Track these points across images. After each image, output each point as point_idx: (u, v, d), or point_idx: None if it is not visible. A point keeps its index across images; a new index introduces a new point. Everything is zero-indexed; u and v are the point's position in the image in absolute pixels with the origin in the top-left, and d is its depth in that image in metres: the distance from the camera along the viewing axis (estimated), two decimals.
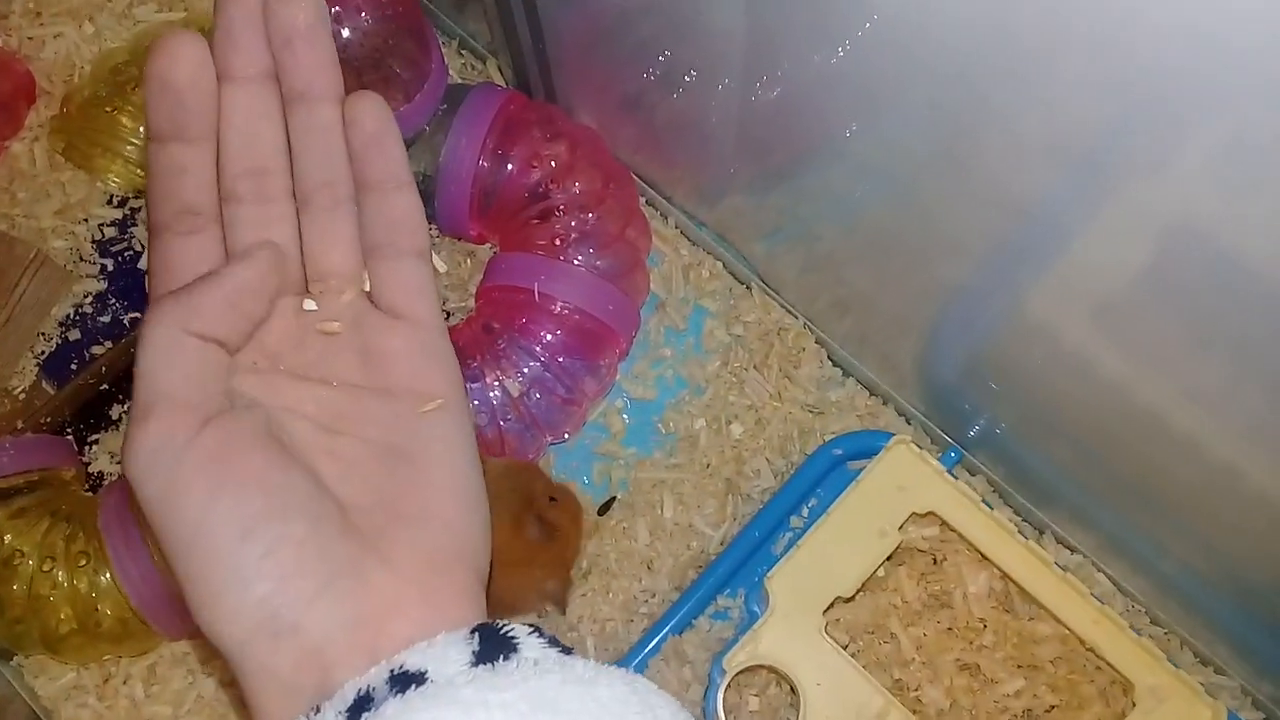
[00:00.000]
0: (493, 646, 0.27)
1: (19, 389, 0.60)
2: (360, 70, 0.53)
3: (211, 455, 0.28)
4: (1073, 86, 0.33)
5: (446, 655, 0.26)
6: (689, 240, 0.62)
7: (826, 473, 0.57)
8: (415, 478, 0.31)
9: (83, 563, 0.51)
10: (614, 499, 0.58)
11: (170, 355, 0.29)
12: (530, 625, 0.28)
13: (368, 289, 0.33)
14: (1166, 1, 0.27)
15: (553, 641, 0.28)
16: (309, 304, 0.33)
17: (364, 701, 0.25)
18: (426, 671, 0.26)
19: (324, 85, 0.31)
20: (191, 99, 0.30)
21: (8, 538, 0.51)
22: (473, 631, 0.27)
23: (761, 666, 0.51)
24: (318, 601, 0.27)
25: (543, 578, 0.52)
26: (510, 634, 0.27)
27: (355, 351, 0.32)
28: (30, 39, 0.64)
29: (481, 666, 0.26)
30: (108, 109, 0.59)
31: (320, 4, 0.31)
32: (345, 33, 0.52)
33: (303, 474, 0.29)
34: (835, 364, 0.60)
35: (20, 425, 0.58)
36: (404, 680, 0.26)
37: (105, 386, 0.59)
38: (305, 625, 0.27)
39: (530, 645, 0.27)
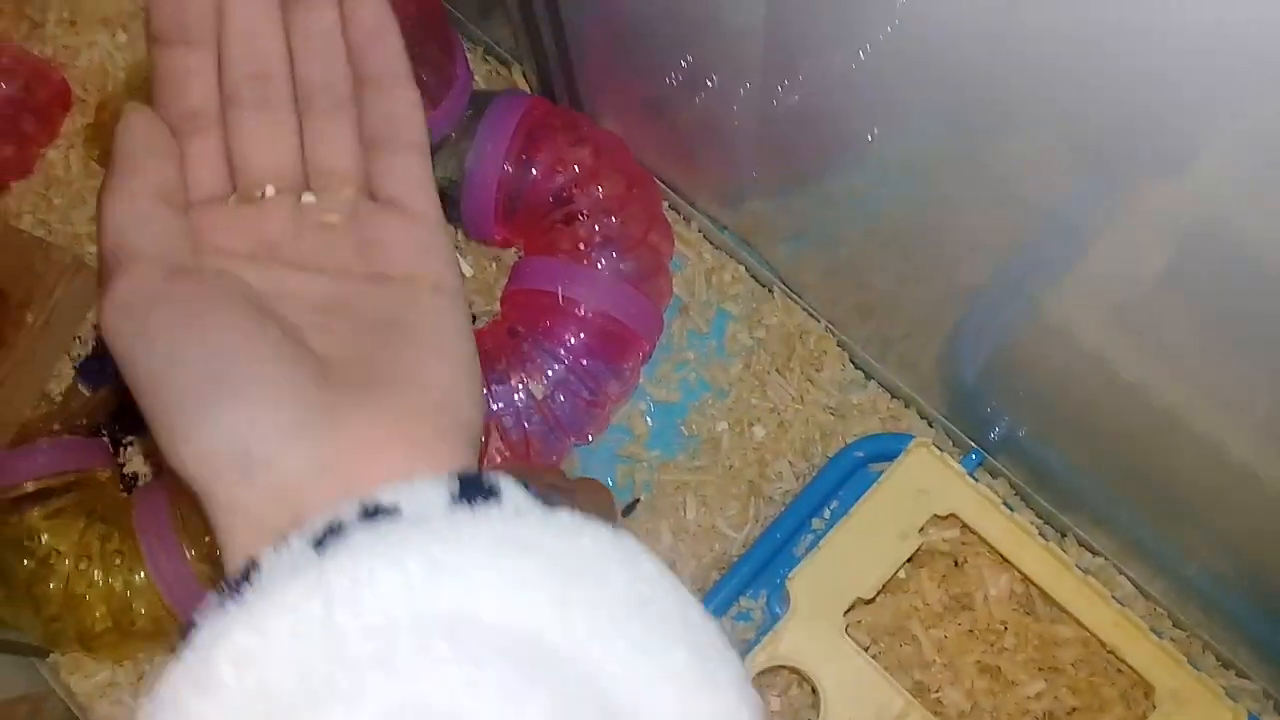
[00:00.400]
0: (473, 490, 0.25)
1: (56, 392, 0.61)
2: None
3: (182, 303, 0.28)
4: (1093, 87, 0.33)
5: (423, 495, 0.25)
6: (712, 244, 0.62)
7: (848, 475, 0.57)
8: (403, 343, 0.30)
9: (118, 562, 0.52)
10: (637, 501, 0.59)
11: (126, 219, 0.29)
12: (520, 480, 0.27)
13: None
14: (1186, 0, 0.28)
15: (540, 496, 0.26)
16: (308, 197, 0.33)
17: (332, 531, 0.24)
18: (399, 505, 0.25)
19: None
20: (193, 2, 0.31)
21: (45, 537, 0.52)
22: (454, 476, 0.26)
23: (783, 667, 0.52)
24: (291, 440, 0.27)
25: None
26: (494, 484, 0.26)
27: (353, 242, 0.32)
28: (65, 47, 0.65)
29: (459, 506, 0.25)
30: None
31: None
32: None
33: (279, 329, 0.29)
34: (857, 367, 0.61)
35: (57, 427, 0.59)
36: (374, 513, 0.25)
37: None
38: (278, 462, 0.26)
39: (514, 494, 0.26)
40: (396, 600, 0.23)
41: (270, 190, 0.33)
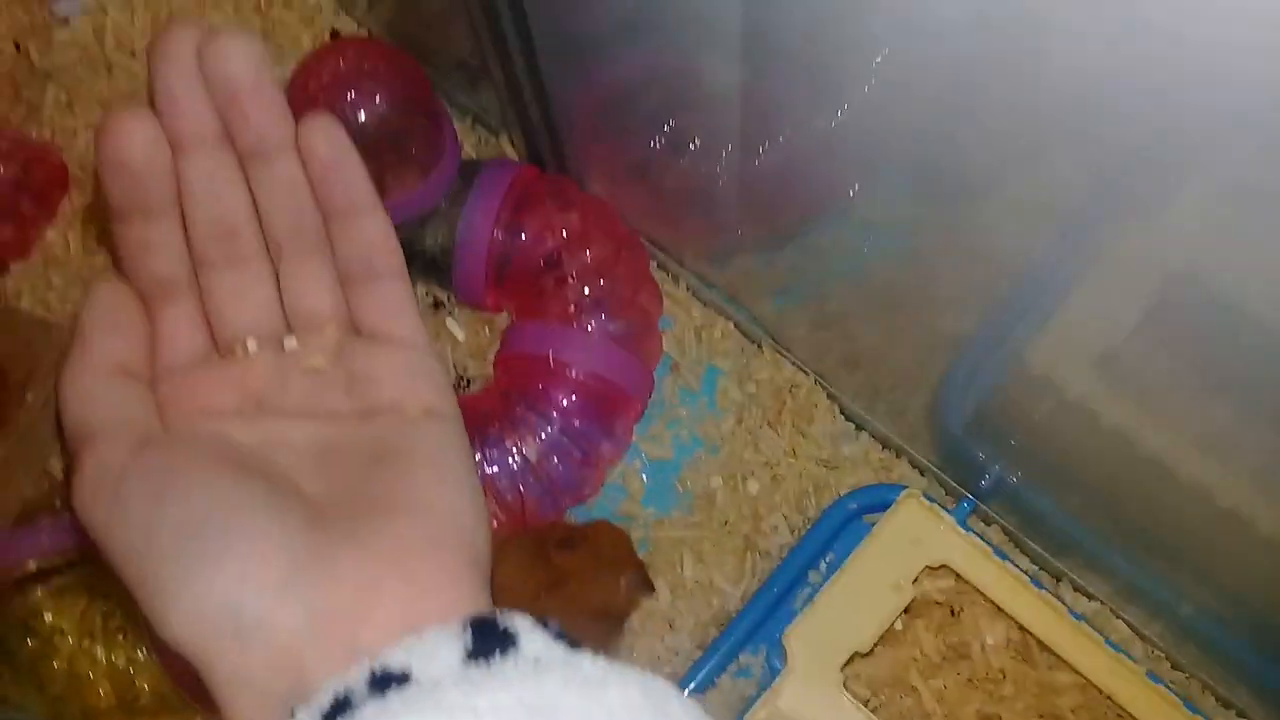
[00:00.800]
0: (488, 642, 0.24)
1: (58, 468, 0.62)
2: (379, 152, 0.55)
3: (153, 471, 0.27)
4: (1068, 142, 0.34)
5: (435, 653, 0.24)
6: (700, 302, 0.63)
7: (842, 527, 0.57)
8: (398, 474, 0.29)
9: (120, 638, 0.52)
10: None
11: (83, 398, 0.29)
12: (536, 619, 0.25)
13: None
14: (1158, 59, 0.28)
15: (559, 636, 0.25)
16: (290, 343, 0.32)
17: (341, 705, 0.23)
18: (410, 671, 0.23)
19: (277, 138, 0.31)
20: (147, 176, 0.30)
21: (48, 616, 0.53)
22: (466, 625, 0.25)
23: None
24: (284, 593, 0.25)
25: (616, 574, 0.53)
26: (509, 628, 0.24)
27: (341, 381, 0.32)
28: (63, 129, 0.67)
29: (473, 665, 0.23)
30: None
31: (258, 53, 0.30)
32: (362, 116, 0.54)
33: (261, 480, 0.28)
34: (848, 418, 0.61)
35: (59, 504, 0.60)
36: (384, 681, 0.23)
37: None
38: (272, 620, 0.25)
39: (532, 640, 0.24)
40: None
41: (252, 344, 0.32)
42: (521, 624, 0.25)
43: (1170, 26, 0.27)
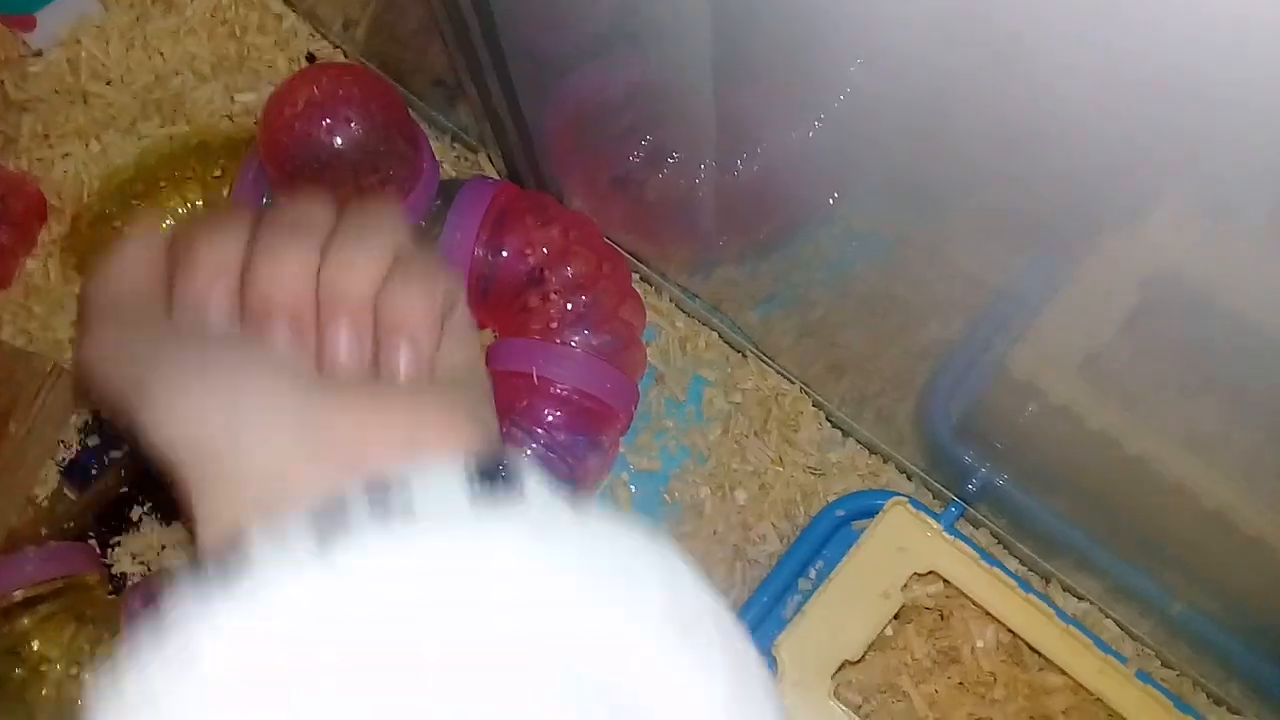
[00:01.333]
0: (492, 471, 0.25)
1: (42, 497, 0.62)
2: (357, 175, 0.55)
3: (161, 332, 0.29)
4: (1043, 152, 0.34)
5: (436, 472, 0.24)
6: (684, 313, 0.63)
7: (831, 534, 0.57)
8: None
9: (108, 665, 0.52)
10: None
11: (123, 269, 0.30)
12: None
13: None
14: (1138, 60, 0.28)
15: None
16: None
17: (335, 505, 0.23)
18: (410, 484, 0.24)
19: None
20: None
21: (35, 644, 0.52)
22: (469, 457, 0.25)
23: None
24: (285, 408, 0.26)
25: None
26: (510, 464, 0.25)
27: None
28: (39, 160, 0.67)
29: (478, 484, 0.24)
30: (115, 224, 0.62)
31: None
32: (338, 141, 0.54)
33: None
34: (834, 425, 0.61)
35: (45, 532, 0.59)
36: (382, 488, 0.24)
37: (124, 489, 0.61)
38: (271, 428, 0.25)
39: (533, 478, 0.25)
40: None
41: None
42: (524, 463, 0.25)
43: (1143, 37, 0.27)
